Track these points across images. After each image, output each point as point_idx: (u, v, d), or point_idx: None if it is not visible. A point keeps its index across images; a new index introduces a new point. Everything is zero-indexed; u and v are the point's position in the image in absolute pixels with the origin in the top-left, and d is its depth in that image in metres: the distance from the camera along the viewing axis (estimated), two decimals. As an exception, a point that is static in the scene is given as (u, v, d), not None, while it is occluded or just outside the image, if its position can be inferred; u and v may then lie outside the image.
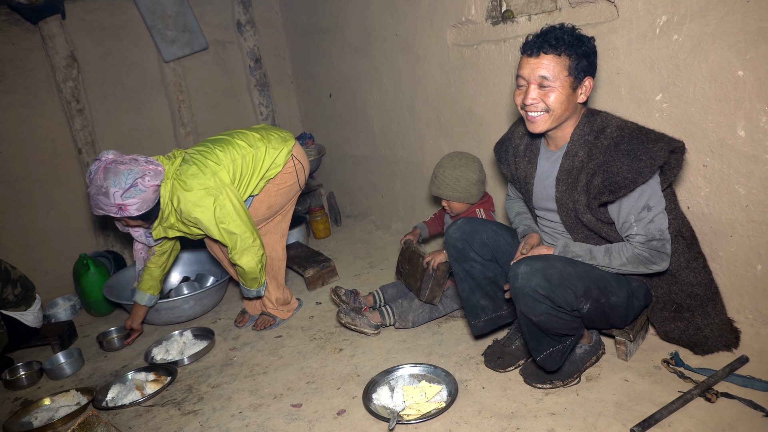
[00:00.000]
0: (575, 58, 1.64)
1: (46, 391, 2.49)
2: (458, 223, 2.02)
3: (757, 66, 1.71)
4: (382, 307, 2.48)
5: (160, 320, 2.88)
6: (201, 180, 2.31)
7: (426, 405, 1.86)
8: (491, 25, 2.63)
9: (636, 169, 1.60)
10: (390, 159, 3.68)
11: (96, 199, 2.21)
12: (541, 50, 1.65)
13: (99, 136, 3.83)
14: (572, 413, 1.73)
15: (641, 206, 1.65)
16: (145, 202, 2.25)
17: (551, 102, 1.68)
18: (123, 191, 2.18)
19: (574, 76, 1.66)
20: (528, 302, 1.65)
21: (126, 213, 2.24)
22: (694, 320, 1.86)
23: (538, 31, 1.69)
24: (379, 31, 3.37)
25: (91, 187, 2.23)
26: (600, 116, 1.76)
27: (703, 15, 1.79)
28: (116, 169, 2.20)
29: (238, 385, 2.25)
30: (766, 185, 1.79)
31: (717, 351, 1.88)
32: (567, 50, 1.63)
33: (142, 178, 2.23)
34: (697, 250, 1.85)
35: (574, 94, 1.69)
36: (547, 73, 1.65)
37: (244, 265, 2.41)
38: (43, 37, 3.54)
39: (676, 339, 1.93)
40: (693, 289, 1.83)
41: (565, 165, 1.78)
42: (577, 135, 1.75)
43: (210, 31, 4.17)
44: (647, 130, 1.67)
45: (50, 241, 3.74)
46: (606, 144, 1.68)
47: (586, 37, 1.68)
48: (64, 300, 3.40)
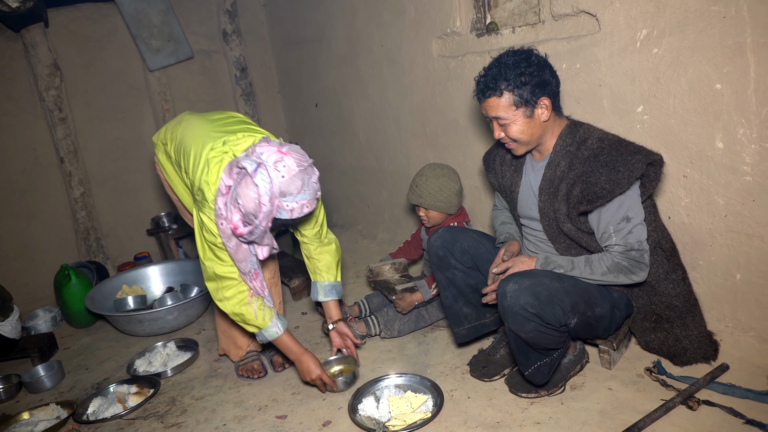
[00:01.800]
0: (517, 90, 1.69)
1: (25, 405, 2.44)
2: (439, 232, 2.05)
3: (734, 79, 1.75)
4: (367, 317, 2.48)
5: (144, 331, 2.84)
6: None
7: (412, 415, 1.86)
8: (476, 37, 2.66)
9: (614, 179, 1.64)
10: (376, 169, 3.69)
11: (311, 185, 1.73)
12: (485, 95, 1.74)
13: (82, 146, 3.79)
14: (557, 422, 1.74)
15: (620, 217, 1.68)
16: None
17: (514, 134, 1.77)
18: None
19: (523, 105, 1.71)
20: (517, 320, 1.66)
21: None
22: (673, 331, 1.89)
23: (482, 71, 1.77)
24: (365, 42, 3.39)
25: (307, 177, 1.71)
26: (583, 128, 1.80)
27: (682, 29, 1.84)
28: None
29: (222, 396, 2.22)
30: (744, 195, 1.83)
31: (695, 363, 1.90)
32: (507, 87, 1.70)
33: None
34: (677, 261, 1.87)
35: (533, 118, 1.75)
36: (497, 113, 1.75)
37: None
38: (25, 45, 3.51)
39: (656, 349, 1.95)
40: (672, 301, 1.85)
41: (548, 175, 1.83)
42: (560, 146, 1.80)
43: (196, 40, 4.16)
44: (627, 143, 1.71)
45: (30, 251, 3.68)
46: (586, 155, 1.72)
47: (527, 60, 1.70)
48: (45, 311, 3.34)
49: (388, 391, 2.03)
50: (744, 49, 1.70)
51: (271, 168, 1.66)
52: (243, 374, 2.32)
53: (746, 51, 1.70)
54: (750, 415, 1.61)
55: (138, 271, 3.38)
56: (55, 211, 3.76)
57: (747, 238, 1.86)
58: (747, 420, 1.60)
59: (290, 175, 1.66)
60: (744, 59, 1.71)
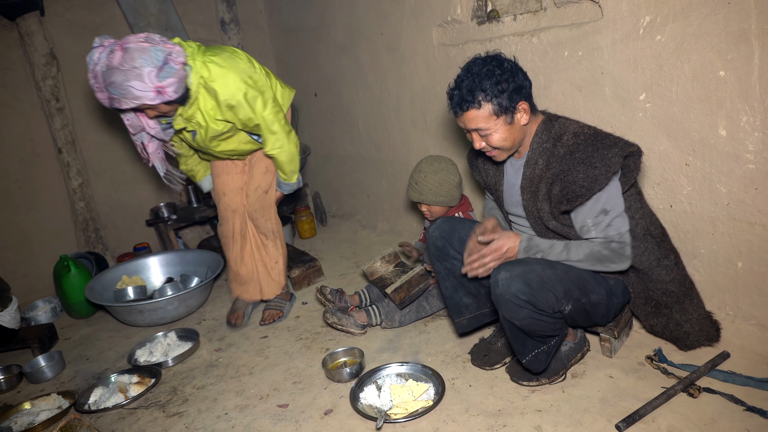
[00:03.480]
0: (495, 99, 1.67)
1: (26, 395, 2.44)
2: (437, 222, 2.05)
3: (738, 66, 1.74)
4: (368, 307, 2.48)
5: (144, 322, 2.84)
6: (236, 62, 2.18)
7: (413, 404, 1.86)
8: (477, 25, 2.64)
9: (591, 176, 1.62)
10: (376, 158, 3.67)
11: (125, 87, 1.91)
12: (462, 109, 1.71)
13: (80, 136, 3.77)
14: (558, 410, 1.75)
15: (598, 210, 1.66)
16: (180, 81, 2.01)
17: (495, 142, 1.74)
18: (158, 70, 1.93)
19: (503, 113, 1.69)
20: (510, 308, 1.66)
21: (165, 97, 1.98)
22: (673, 317, 1.89)
23: (453, 83, 1.74)
24: (365, 31, 3.36)
25: (110, 76, 1.92)
26: (558, 122, 1.78)
27: (686, 16, 1.82)
28: (141, 47, 1.92)
29: (223, 386, 2.22)
30: (746, 183, 1.82)
31: (699, 346, 1.91)
32: (485, 97, 1.67)
33: (170, 54, 1.97)
34: (668, 247, 1.86)
35: (514, 124, 1.72)
36: (477, 125, 1.72)
37: (285, 152, 2.34)
38: (21, 34, 3.47)
39: (660, 333, 1.95)
40: (667, 287, 1.85)
41: (527, 173, 1.82)
42: (536, 143, 1.78)
43: (193, 29, 4.12)
44: (603, 135, 1.69)
45: (29, 242, 3.66)
46: (563, 152, 1.70)
47: (500, 67, 1.68)
48: (44, 302, 3.34)
49: (390, 380, 2.03)
50: (749, 36, 1.69)
51: (105, 52, 1.94)
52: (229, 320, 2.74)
53: (751, 37, 1.69)
54: (750, 402, 1.62)
55: (137, 261, 3.38)
56: (54, 202, 3.74)
57: (749, 226, 1.85)
58: (747, 407, 1.61)
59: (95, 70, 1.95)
60: (748, 46, 1.70)
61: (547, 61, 2.32)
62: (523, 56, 2.41)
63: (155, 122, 2.22)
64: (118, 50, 1.93)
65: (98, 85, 1.99)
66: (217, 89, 2.13)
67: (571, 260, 1.71)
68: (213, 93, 2.14)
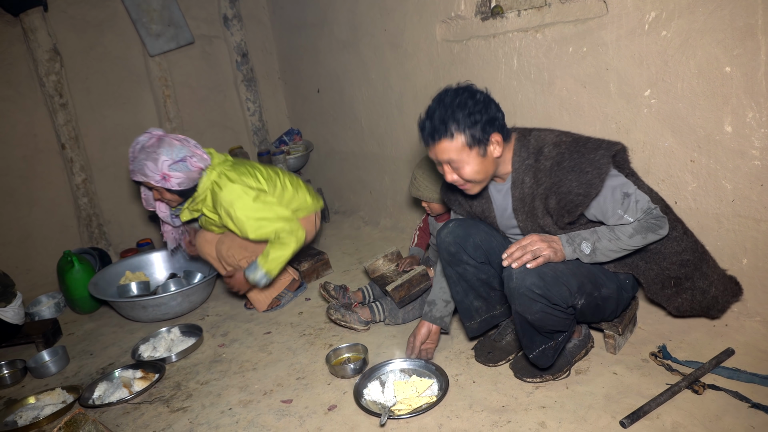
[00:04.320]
0: (469, 130, 1.63)
1: (31, 389, 2.45)
2: (450, 227, 1.96)
3: (744, 62, 1.73)
4: (372, 303, 2.47)
5: (147, 317, 2.85)
6: (246, 180, 2.51)
7: (417, 399, 1.86)
8: (480, 21, 2.63)
9: (585, 182, 1.60)
10: (378, 155, 3.67)
11: (142, 164, 2.33)
12: (433, 139, 1.66)
13: (83, 132, 3.77)
14: (562, 406, 1.74)
15: (620, 197, 1.64)
16: (188, 179, 2.41)
17: (468, 175, 1.69)
18: (172, 162, 2.34)
19: (476, 145, 1.65)
20: (524, 302, 1.65)
21: (167, 184, 2.38)
22: (697, 285, 1.86)
23: (425, 112, 1.69)
24: (368, 27, 3.35)
25: (138, 153, 2.36)
26: (533, 135, 1.75)
27: (692, 11, 1.81)
28: (171, 142, 2.37)
29: (227, 381, 2.23)
30: (752, 180, 1.82)
31: (729, 306, 1.91)
32: (457, 128, 1.62)
33: (191, 157, 2.39)
34: (673, 218, 1.83)
35: (486, 156, 1.68)
36: (449, 156, 1.67)
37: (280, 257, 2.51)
38: (24, 29, 3.47)
39: (688, 311, 1.92)
40: (682, 257, 1.81)
41: (516, 194, 1.78)
42: (518, 163, 1.75)
43: (196, 25, 4.12)
44: (584, 140, 1.67)
45: (33, 238, 3.67)
46: (548, 165, 1.67)
47: (473, 99, 1.64)
48: (48, 297, 3.35)
49: (393, 376, 2.03)
50: (755, 31, 1.68)
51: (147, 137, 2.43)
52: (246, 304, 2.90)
53: (757, 33, 1.68)
54: (756, 399, 1.61)
55: (141, 257, 3.38)
56: (57, 198, 3.75)
57: (754, 222, 1.85)
58: (752, 404, 1.60)
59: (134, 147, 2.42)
60: (755, 41, 1.69)
61: (551, 57, 2.31)
62: (527, 52, 2.40)
63: (165, 207, 2.65)
64: (155, 138, 2.40)
65: (131, 158, 2.43)
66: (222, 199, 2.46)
67: (621, 241, 1.66)
68: (217, 201, 2.48)
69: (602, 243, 1.68)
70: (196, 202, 2.53)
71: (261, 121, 4.54)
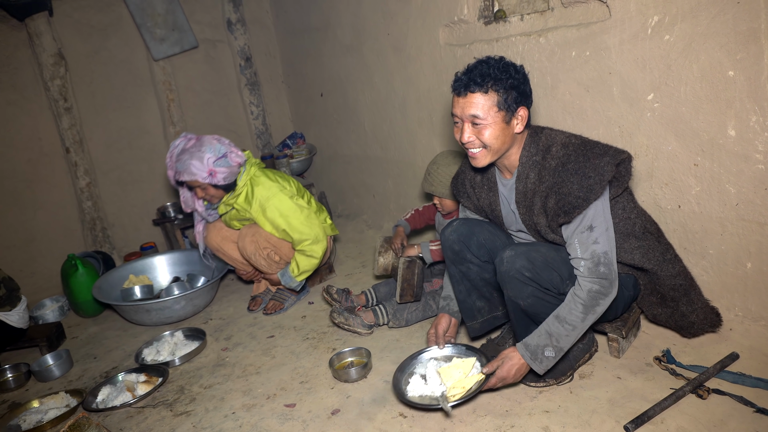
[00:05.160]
0: (504, 93, 1.64)
1: (35, 393, 2.46)
2: (454, 225, 1.99)
3: (747, 66, 1.73)
4: (375, 306, 2.48)
5: (151, 321, 2.86)
6: (281, 182, 2.69)
7: (468, 380, 1.78)
8: (483, 25, 2.63)
9: (586, 186, 1.61)
10: (382, 158, 3.67)
11: (188, 164, 2.47)
12: (468, 89, 1.66)
13: (87, 135, 3.79)
14: (566, 411, 1.74)
15: (585, 226, 1.65)
16: (231, 174, 2.57)
17: (486, 138, 1.69)
18: (216, 158, 2.49)
19: (505, 110, 1.66)
20: (515, 285, 1.67)
21: (214, 180, 2.51)
22: (679, 309, 1.90)
23: (465, 68, 1.69)
24: (371, 31, 3.36)
25: (180, 155, 2.51)
26: (544, 134, 1.76)
27: (695, 15, 1.81)
28: (210, 140, 2.53)
29: (230, 385, 2.23)
30: (755, 184, 1.81)
31: (703, 333, 1.94)
32: (494, 86, 1.63)
33: (231, 152, 2.56)
34: (666, 241, 1.88)
35: (509, 126, 1.70)
36: (477, 111, 1.66)
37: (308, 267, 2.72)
38: (29, 34, 3.50)
39: (663, 323, 1.97)
40: (675, 281, 1.86)
41: (520, 188, 1.79)
42: (525, 157, 1.76)
43: (200, 29, 4.14)
44: (592, 144, 1.68)
45: (37, 241, 3.69)
46: (554, 165, 1.68)
47: (515, 67, 1.67)
48: (52, 301, 3.36)
49: (432, 365, 1.92)
50: (758, 35, 1.68)
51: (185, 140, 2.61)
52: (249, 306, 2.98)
53: (761, 37, 1.68)
54: (760, 404, 1.61)
55: (144, 261, 3.39)
56: (61, 201, 3.76)
57: (758, 226, 1.84)
58: (758, 408, 1.60)
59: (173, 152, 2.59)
60: (758, 45, 1.69)
61: (554, 61, 2.31)
62: (530, 56, 2.40)
63: (201, 204, 2.77)
64: (194, 139, 2.56)
65: (170, 163, 2.57)
66: (257, 193, 2.63)
67: (572, 322, 1.66)
68: (251, 195, 2.64)
69: (562, 341, 1.68)
70: (234, 196, 2.65)
71: (264, 124, 4.55)
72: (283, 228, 2.64)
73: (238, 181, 2.64)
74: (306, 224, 2.66)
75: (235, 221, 2.80)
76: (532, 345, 1.70)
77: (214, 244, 2.87)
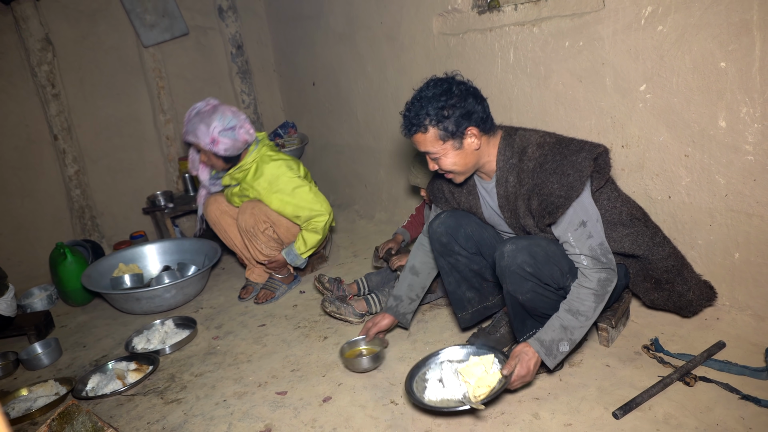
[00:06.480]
0: (441, 125, 1.66)
1: (23, 381, 2.44)
2: (441, 217, 1.99)
3: (739, 57, 1.74)
4: (367, 295, 2.48)
5: (141, 310, 2.84)
6: (291, 163, 2.74)
7: (490, 377, 1.69)
8: (477, 14, 2.63)
9: (567, 184, 1.62)
10: (374, 148, 3.66)
11: (196, 126, 2.55)
12: (411, 132, 1.72)
13: (76, 123, 3.74)
14: (556, 398, 1.76)
15: (577, 223, 1.65)
16: (234, 147, 2.61)
17: (447, 166, 1.75)
18: (222, 129, 2.54)
19: (451, 139, 1.68)
20: (515, 280, 1.67)
21: (215, 148, 2.57)
22: (675, 289, 1.92)
23: (405, 106, 1.73)
24: (364, 19, 3.34)
25: (194, 117, 2.58)
26: (518, 135, 1.77)
27: (688, 6, 1.82)
28: (224, 111, 2.58)
29: (221, 373, 2.23)
30: (745, 175, 1.83)
31: (702, 309, 1.97)
32: (431, 122, 1.66)
33: (240, 128, 2.59)
34: (653, 224, 1.89)
35: (463, 149, 1.71)
36: (426, 148, 1.73)
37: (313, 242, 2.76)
38: (15, 18, 3.43)
39: (662, 306, 1.99)
40: (667, 263, 1.87)
41: (501, 192, 1.81)
42: (502, 161, 1.77)
43: (191, 16, 4.08)
44: (567, 141, 1.69)
45: (24, 229, 3.64)
46: (531, 166, 1.69)
47: (448, 93, 1.66)
48: (40, 290, 3.32)
49: (448, 367, 1.79)
50: (750, 27, 1.69)
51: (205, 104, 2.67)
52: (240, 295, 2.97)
53: (752, 28, 1.69)
54: (746, 391, 1.63)
55: (134, 249, 3.37)
56: (49, 189, 3.72)
57: (747, 217, 1.87)
58: (743, 395, 1.62)
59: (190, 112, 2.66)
60: (750, 37, 1.70)
61: (547, 51, 2.31)
62: (523, 46, 2.40)
63: (207, 172, 2.84)
64: (211, 106, 2.62)
65: (186, 120, 2.65)
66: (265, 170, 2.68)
67: (585, 312, 1.65)
68: (260, 173, 2.68)
69: (575, 334, 1.67)
70: (241, 170, 2.69)
71: (256, 113, 4.51)
72: (293, 204, 2.67)
73: (246, 158, 2.68)
74: (315, 201, 2.71)
75: (236, 198, 2.81)
76: (547, 340, 1.66)
77: (213, 217, 2.86)
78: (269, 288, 2.86)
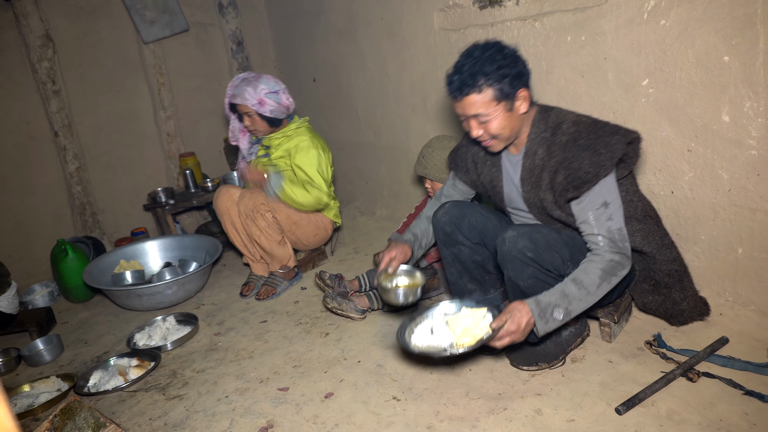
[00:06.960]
0: (497, 84, 1.63)
1: (25, 377, 2.44)
2: (446, 207, 1.99)
3: (743, 51, 1.73)
4: (369, 292, 2.48)
5: (142, 306, 2.84)
6: (322, 144, 2.88)
7: (478, 330, 1.66)
8: (478, 9, 2.61)
9: (597, 162, 1.61)
10: (375, 145, 3.66)
11: (242, 89, 2.68)
12: (462, 93, 1.66)
13: (76, 119, 3.73)
14: (558, 394, 1.76)
15: (599, 203, 1.65)
16: (278, 110, 2.75)
17: (494, 130, 1.70)
18: (268, 91, 2.70)
19: (504, 99, 1.66)
20: (516, 265, 1.67)
21: (261, 109, 2.71)
22: (672, 296, 1.91)
23: (453, 67, 1.68)
24: (365, 15, 3.33)
25: (239, 83, 2.71)
26: (554, 112, 1.77)
27: (691, 0, 1.80)
28: (267, 77, 2.75)
29: (223, 369, 2.23)
30: (748, 169, 1.82)
31: (692, 322, 1.95)
32: (486, 81, 1.62)
33: (284, 93, 2.77)
34: (663, 227, 1.89)
35: (513, 111, 1.70)
36: (478, 110, 1.67)
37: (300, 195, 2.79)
38: (16, 14, 3.42)
39: (653, 311, 1.98)
40: (671, 266, 1.86)
41: (527, 164, 1.80)
42: (534, 134, 1.77)
43: (191, 12, 4.07)
44: (603, 123, 1.69)
45: (26, 226, 3.64)
46: (564, 140, 1.69)
47: (501, 53, 1.64)
48: (42, 286, 3.32)
49: (440, 318, 1.79)
50: (754, 21, 1.68)
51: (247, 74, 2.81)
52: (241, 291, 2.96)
53: (756, 22, 1.68)
54: (749, 387, 1.63)
55: (135, 246, 3.36)
56: (50, 186, 3.71)
57: (750, 212, 1.86)
58: (746, 391, 1.62)
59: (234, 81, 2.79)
60: (754, 31, 1.69)
61: (549, 47, 2.30)
62: (525, 41, 2.39)
63: (247, 140, 2.96)
64: (254, 74, 2.78)
65: (230, 89, 2.76)
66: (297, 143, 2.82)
67: (588, 285, 1.61)
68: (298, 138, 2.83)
69: (573, 305, 1.62)
70: (277, 136, 2.84)
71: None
72: (306, 170, 2.78)
73: (290, 124, 2.84)
74: (324, 186, 2.82)
75: (260, 163, 2.91)
76: (544, 302, 1.61)
77: (222, 207, 2.84)
78: (270, 284, 2.86)
